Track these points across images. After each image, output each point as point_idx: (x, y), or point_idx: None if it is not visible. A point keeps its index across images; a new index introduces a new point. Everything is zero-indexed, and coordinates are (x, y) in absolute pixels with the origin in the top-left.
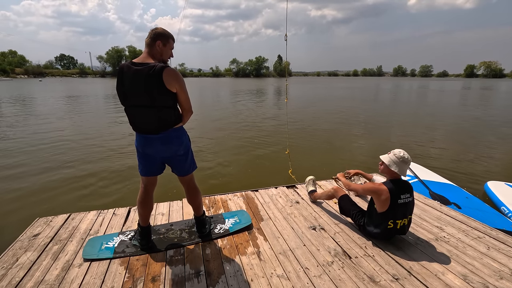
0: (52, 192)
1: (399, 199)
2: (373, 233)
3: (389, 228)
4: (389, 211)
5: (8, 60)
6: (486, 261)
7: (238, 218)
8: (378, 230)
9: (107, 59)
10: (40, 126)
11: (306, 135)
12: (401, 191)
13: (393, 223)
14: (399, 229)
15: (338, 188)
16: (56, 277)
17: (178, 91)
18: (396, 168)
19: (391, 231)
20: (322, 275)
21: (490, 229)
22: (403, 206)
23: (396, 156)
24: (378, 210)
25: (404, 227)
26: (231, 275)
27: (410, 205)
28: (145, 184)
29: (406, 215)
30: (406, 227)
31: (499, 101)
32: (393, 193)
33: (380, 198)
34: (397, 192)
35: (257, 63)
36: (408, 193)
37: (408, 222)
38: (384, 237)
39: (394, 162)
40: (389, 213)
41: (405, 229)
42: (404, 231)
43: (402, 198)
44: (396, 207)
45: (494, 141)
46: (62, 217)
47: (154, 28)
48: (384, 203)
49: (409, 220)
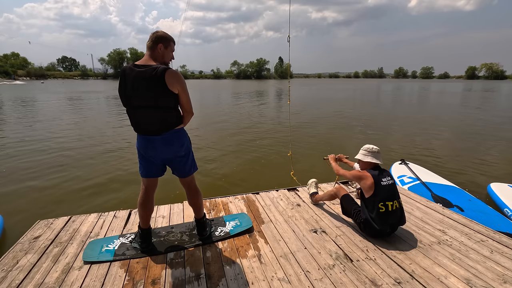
0: (53, 194)
1: (381, 182)
2: (372, 226)
3: (382, 212)
4: (376, 194)
5: (11, 62)
6: (489, 265)
7: (239, 221)
8: (373, 217)
9: (109, 61)
10: (43, 127)
11: (308, 136)
12: (382, 175)
13: (384, 206)
14: (393, 214)
15: (340, 187)
16: (56, 279)
17: (180, 92)
18: (371, 158)
19: (386, 216)
20: (324, 278)
21: (493, 232)
22: (388, 188)
23: (366, 150)
24: (366, 195)
25: (397, 211)
26: (232, 278)
27: (394, 187)
28: (146, 186)
29: (394, 197)
30: (399, 212)
31: (502, 103)
32: (376, 177)
33: (366, 183)
34: (379, 175)
35: (258, 65)
36: (389, 176)
37: (399, 206)
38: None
39: (367, 155)
40: (376, 196)
41: (398, 214)
42: (400, 219)
43: (384, 181)
44: (381, 189)
45: (497, 142)
46: (63, 220)
47: (155, 31)
48: (370, 187)
49: (399, 204)
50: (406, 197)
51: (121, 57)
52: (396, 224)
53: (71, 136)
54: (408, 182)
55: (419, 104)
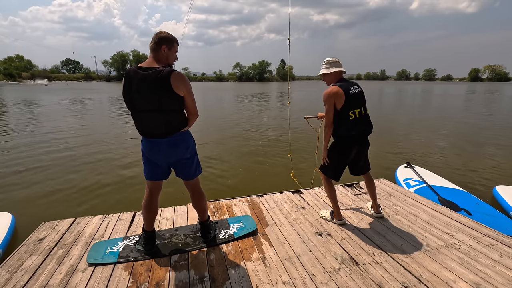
0: (58, 196)
1: (350, 91)
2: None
3: (352, 119)
4: (346, 103)
5: (15, 64)
6: (499, 269)
7: (243, 223)
8: (346, 127)
9: (112, 63)
10: (47, 128)
11: (310, 137)
12: (349, 85)
13: (353, 113)
14: (361, 120)
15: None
16: (60, 281)
17: (185, 95)
18: (334, 68)
19: (356, 122)
20: (329, 282)
21: (502, 236)
22: (356, 96)
23: (327, 62)
24: (338, 107)
25: (366, 117)
26: (236, 281)
27: (361, 95)
28: (150, 188)
29: (360, 105)
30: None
31: (506, 105)
32: (344, 87)
33: (337, 96)
34: (347, 86)
35: (260, 67)
36: (356, 85)
37: (365, 111)
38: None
39: (329, 66)
40: (346, 106)
41: (366, 119)
42: (370, 125)
43: (351, 90)
44: (350, 97)
45: (502, 145)
46: (68, 222)
47: (158, 32)
48: (340, 98)
49: (365, 110)
50: (412, 200)
51: (124, 60)
52: (366, 130)
53: (77, 137)
54: (414, 185)
55: (423, 106)
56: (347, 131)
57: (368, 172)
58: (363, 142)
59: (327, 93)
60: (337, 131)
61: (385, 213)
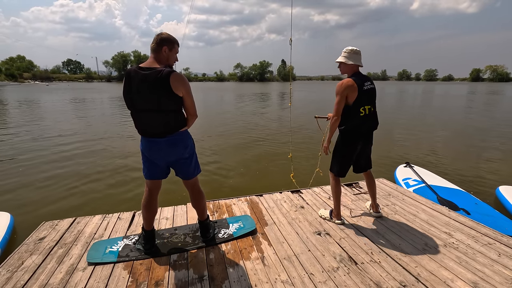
0: (58, 195)
1: (363, 87)
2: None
3: (362, 116)
4: (358, 99)
5: (17, 65)
6: (497, 268)
7: (242, 223)
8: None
9: (113, 64)
10: (47, 128)
11: (311, 138)
12: (363, 80)
13: (363, 110)
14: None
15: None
16: (60, 280)
17: (184, 95)
18: (353, 60)
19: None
20: (327, 281)
21: (500, 235)
22: (368, 92)
23: (349, 52)
24: (349, 101)
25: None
26: (235, 280)
27: (373, 91)
28: (150, 187)
29: (371, 102)
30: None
31: (507, 105)
32: (358, 82)
33: (351, 90)
34: (361, 81)
35: (261, 67)
36: (369, 81)
37: (374, 109)
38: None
39: (348, 57)
40: (358, 101)
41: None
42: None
43: (365, 86)
44: (363, 93)
45: (503, 146)
46: (68, 221)
47: (159, 33)
48: (353, 92)
49: (374, 107)
50: (411, 199)
51: (124, 60)
52: (373, 126)
53: (77, 137)
54: (413, 185)
55: (423, 106)
56: (356, 127)
57: (369, 171)
58: (368, 138)
59: (341, 84)
60: (345, 125)
61: (384, 212)
